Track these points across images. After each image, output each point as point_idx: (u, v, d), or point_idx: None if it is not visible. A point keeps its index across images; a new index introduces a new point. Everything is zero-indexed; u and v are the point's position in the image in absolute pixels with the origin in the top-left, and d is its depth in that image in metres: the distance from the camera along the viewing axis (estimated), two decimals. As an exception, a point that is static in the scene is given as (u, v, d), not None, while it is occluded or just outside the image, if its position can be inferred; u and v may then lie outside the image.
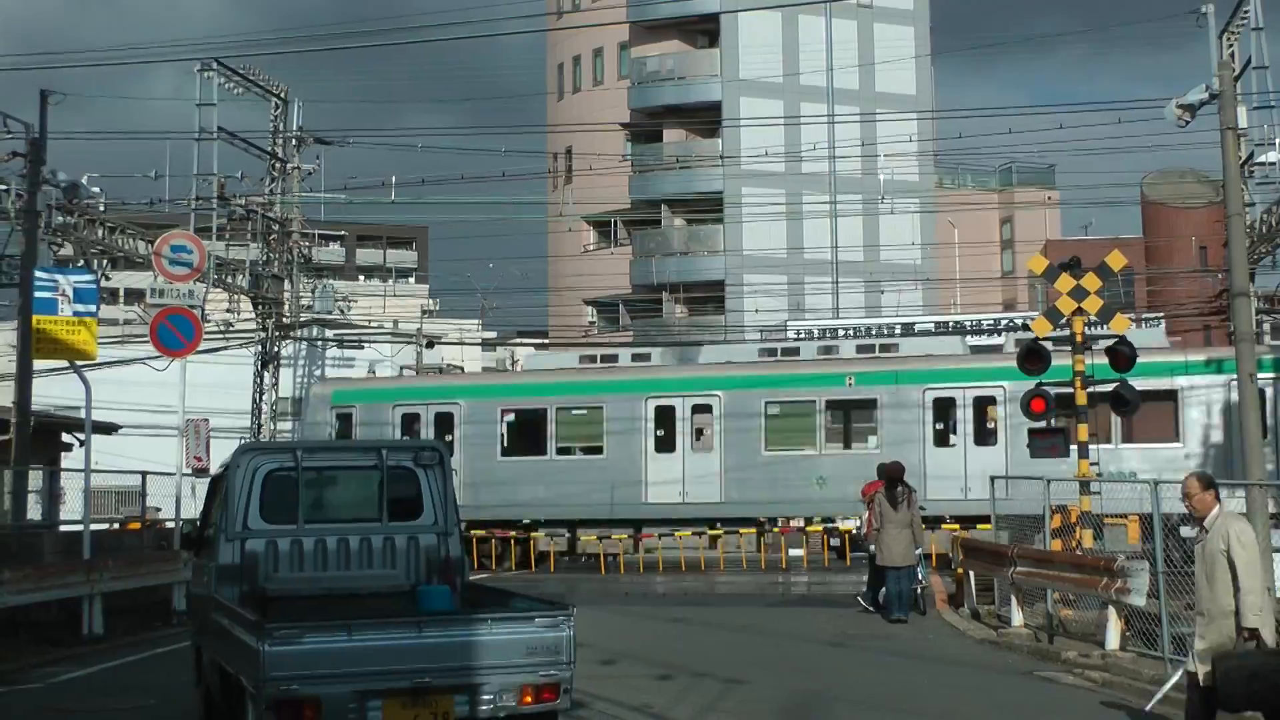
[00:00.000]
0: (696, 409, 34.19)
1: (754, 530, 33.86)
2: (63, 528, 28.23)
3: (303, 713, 9.94)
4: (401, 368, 45.72)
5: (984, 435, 32.15)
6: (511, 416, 35.85)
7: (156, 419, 37.42)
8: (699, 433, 34.11)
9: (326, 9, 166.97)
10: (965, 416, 32.32)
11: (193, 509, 27.49)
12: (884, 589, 23.00)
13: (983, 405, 32.33)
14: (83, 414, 25.31)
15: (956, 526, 30.31)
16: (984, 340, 37.28)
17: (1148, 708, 13.89)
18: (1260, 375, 28.41)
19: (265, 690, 9.89)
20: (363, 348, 48.19)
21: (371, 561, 12.85)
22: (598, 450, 34.43)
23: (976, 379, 32.26)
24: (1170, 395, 30.64)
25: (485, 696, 10.39)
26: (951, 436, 32.44)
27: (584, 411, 35.20)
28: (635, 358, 37.09)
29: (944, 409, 32.58)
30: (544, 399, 35.09)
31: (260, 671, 9.88)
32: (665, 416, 34.18)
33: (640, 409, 34.19)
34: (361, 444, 19.74)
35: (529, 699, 10.50)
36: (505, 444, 35.52)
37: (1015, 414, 29.36)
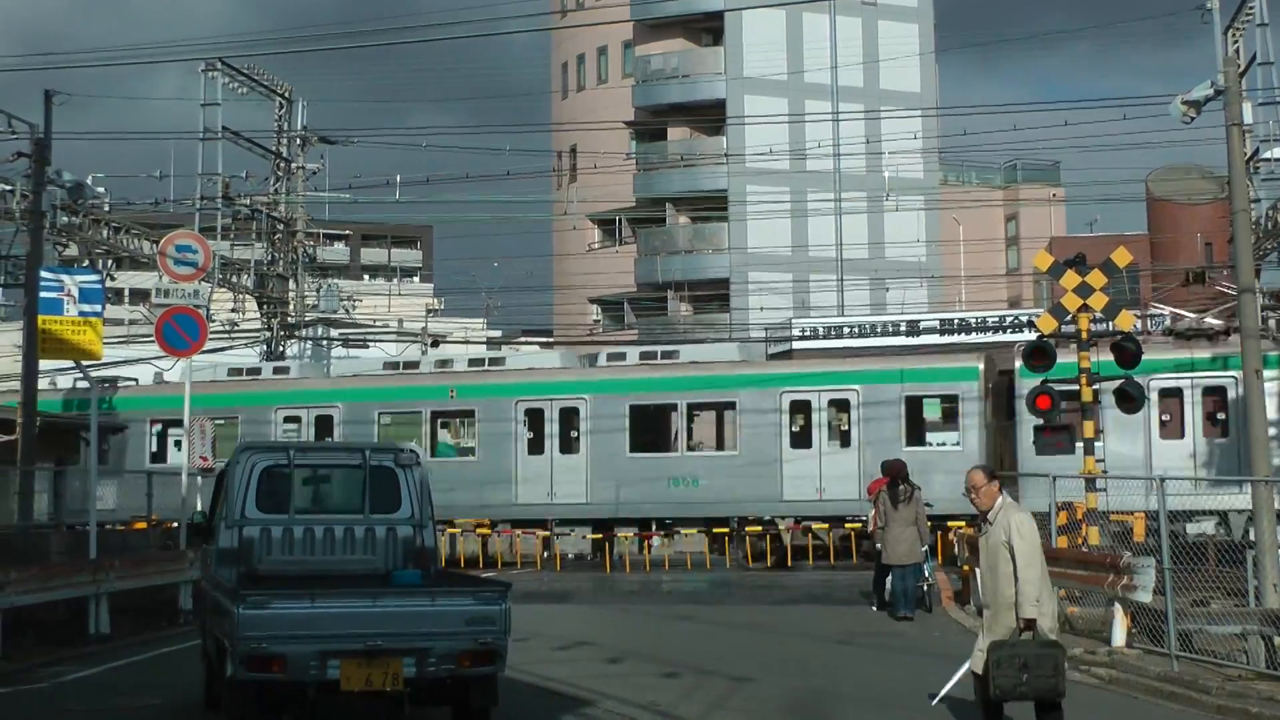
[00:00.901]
0: (320, 419, 35.88)
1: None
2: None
3: (270, 668, 11.53)
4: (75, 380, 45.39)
5: (568, 444, 34.41)
6: (159, 427, 37.44)
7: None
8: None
9: (330, 8, 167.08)
10: (553, 429, 34.53)
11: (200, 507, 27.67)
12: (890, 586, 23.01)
13: (568, 415, 34.53)
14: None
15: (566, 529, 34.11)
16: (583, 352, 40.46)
17: (934, 701, 13.89)
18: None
19: (239, 648, 11.52)
20: (368, 347, 48.18)
21: (353, 548, 14.23)
22: None
23: (563, 391, 34.67)
24: (730, 406, 34.24)
25: (430, 659, 11.84)
26: (543, 444, 34.59)
27: (222, 422, 35.77)
28: (275, 370, 39.22)
29: (535, 419, 34.68)
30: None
31: (235, 631, 11.54)
32: (292, 424, 35.99)
33: (270, 416, 36.12)
34: (348, 445, 21.68)
35: (467, 663, 11.99)
36: (154, 451, 37.38)
37: (598, 424, 33.93)
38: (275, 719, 12.22)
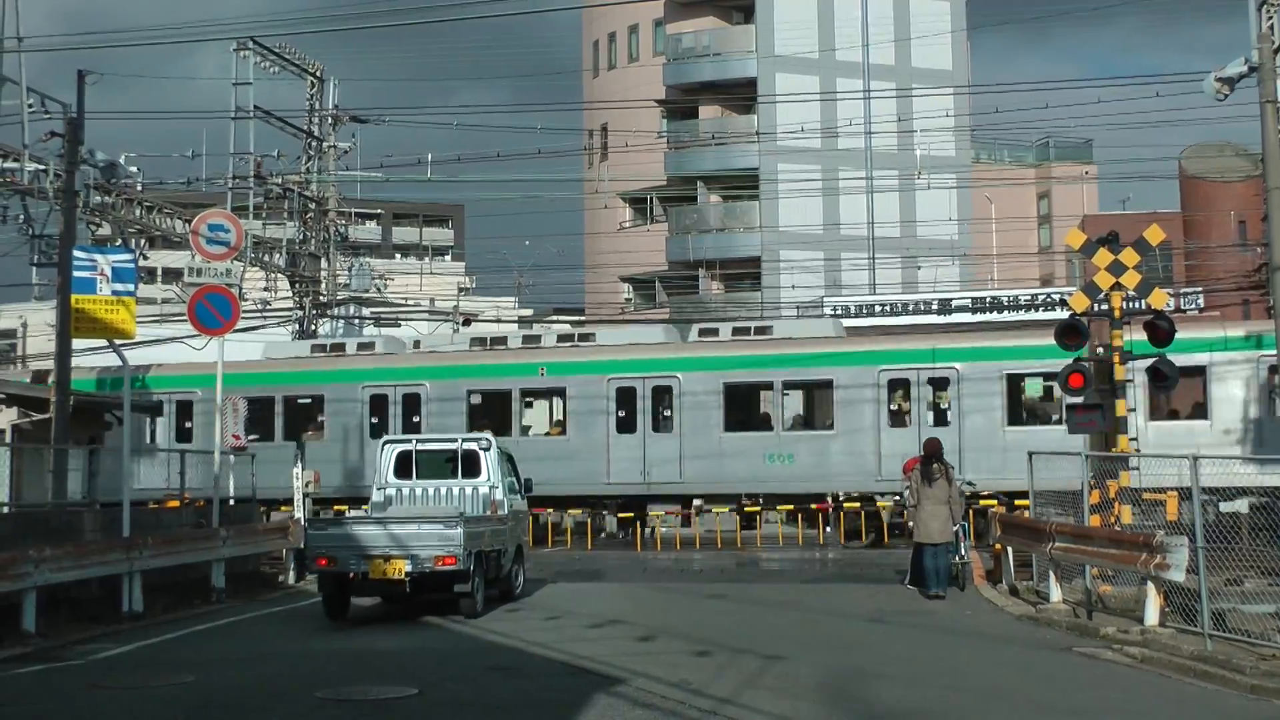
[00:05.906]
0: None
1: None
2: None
3: (328, 564, 19.83)
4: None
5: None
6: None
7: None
8: None
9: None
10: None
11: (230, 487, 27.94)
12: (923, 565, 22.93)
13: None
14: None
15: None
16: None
17: None
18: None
19: (308, 552, 20.59)
20: (400, 325, 48.26)
21: (451, 501, 22.88)
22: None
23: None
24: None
25: (418, 560, 19.57)
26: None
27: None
28: None
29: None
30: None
31: (307, 543, 20.93)
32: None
33: None
34: (448, 436, 27.08)
35: (439, 563, 19.56)
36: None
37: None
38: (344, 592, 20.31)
